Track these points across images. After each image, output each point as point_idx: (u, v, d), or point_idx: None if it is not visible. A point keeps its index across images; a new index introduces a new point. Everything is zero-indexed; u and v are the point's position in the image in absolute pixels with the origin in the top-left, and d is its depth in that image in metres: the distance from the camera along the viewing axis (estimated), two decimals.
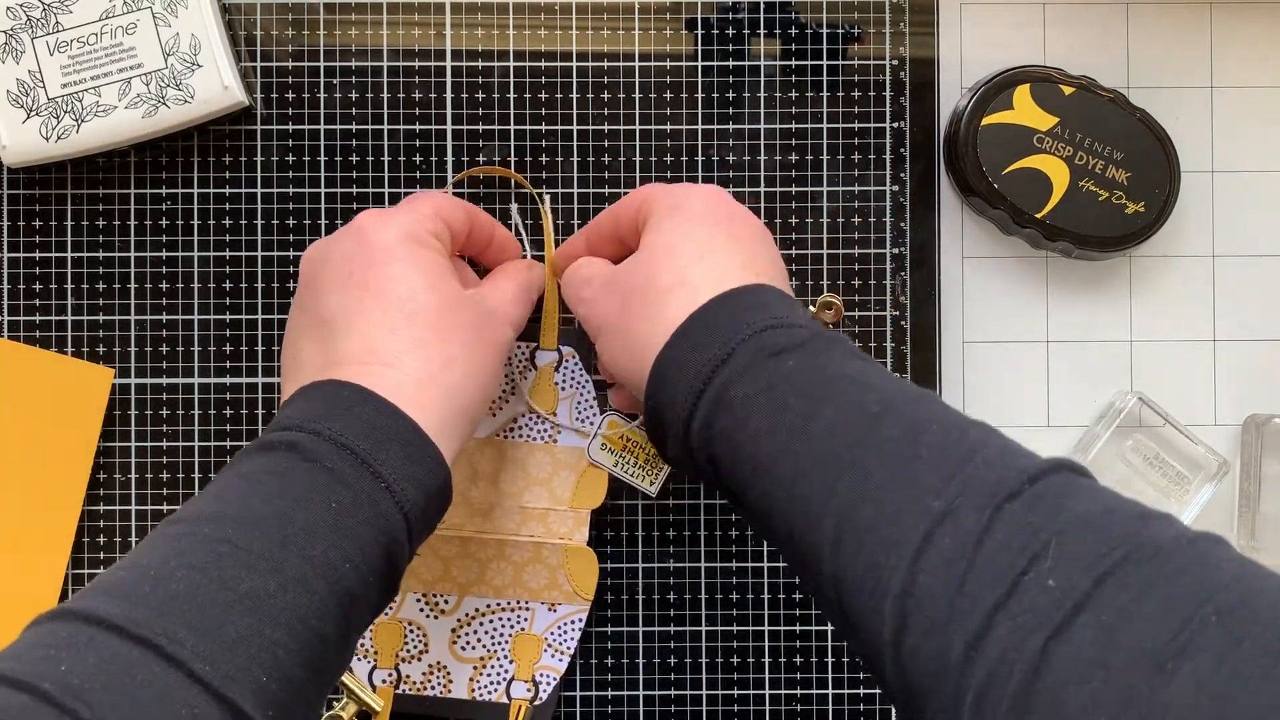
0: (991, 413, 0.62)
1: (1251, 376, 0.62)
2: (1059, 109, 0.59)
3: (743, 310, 0.47)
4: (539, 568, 0.58)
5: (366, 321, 0.48)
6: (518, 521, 0.58)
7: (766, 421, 0.44)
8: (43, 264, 0.61)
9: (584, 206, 0.61)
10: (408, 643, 0.58)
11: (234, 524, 0.42)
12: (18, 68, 0.57)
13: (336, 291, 0.49)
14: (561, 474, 0.58)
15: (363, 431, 0.45)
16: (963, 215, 0.62)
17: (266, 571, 0.41)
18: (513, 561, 0.58)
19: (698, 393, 0.45)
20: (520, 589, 0.58)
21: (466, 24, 0.61)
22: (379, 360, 0.47)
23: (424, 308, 0.49)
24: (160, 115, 0.58)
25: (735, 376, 0.45)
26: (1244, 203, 0.62)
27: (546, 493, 0.58)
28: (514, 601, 0.58)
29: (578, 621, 0.58)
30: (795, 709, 0.61)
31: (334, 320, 0.49)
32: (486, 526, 0.58)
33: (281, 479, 0.44)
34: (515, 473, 0.58)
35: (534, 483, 0.58)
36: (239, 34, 0.61)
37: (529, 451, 0.58)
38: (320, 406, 0.46)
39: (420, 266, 0.49)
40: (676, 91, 0.61)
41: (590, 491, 0.58)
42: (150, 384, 0.61)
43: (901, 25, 0.62)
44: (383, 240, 0.50)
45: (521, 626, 0.58)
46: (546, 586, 0.58)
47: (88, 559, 0.60)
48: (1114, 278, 0.62)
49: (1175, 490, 0.60)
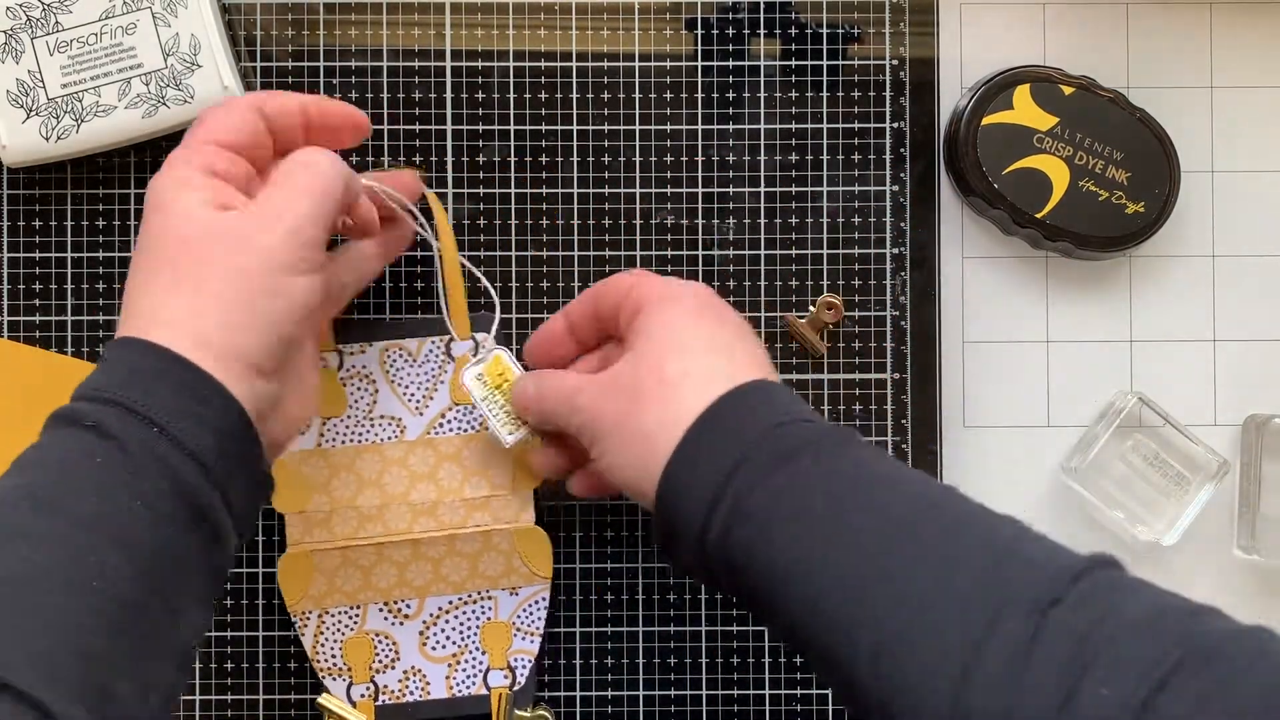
0: (991, 413, 0.62)
1: (1251, 376, 0.62)
2: (1059, 109, 0.59)
3: (752, 409, 0.46)
4: (493, 555, 0.58)
5: (131, 286, 0.47)
6: (463, 514, 0.58)
7: (789, 530, 0.42)
8: (43, 264, 0.61)
9: (584, 206, 0.61)
10: (378, 654, 0.58)
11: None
12: (18, 68, 0.57)
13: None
14: (497, 459, 0.58)
15: (123, 379, 0.43)
16: (963, 215, 0.62)
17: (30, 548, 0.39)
18: (465, 555, 0.58)
19: (712, 502, 0.44)
20: (478, 579, 0.58)
21: (466, 24, 0.61)
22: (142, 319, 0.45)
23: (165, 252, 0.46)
24: (160, 115, 0.58)
25: (752, 483, 0.43)
26: (1244, 203, 0.62)
27: (485, 481, 0.58)
28: (475, 594, 0.58)
29: (541, 601, 0.58)
30: (795, 709, 0.61)
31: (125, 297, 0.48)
32: (432, 525, 0.58)
33: (47, 451, 0.43)
34: (451, 467, 0.58)
35: (471, 473, 0.58)
36: (239, 34, 0.61)
37: (461, 444, 0.58)
38: (94, 373, 0.45)
39: (170, 212, 0.46)
40: (676, 91, 0.61)
41: (529, 472, 0.58)
42: None
43: (901, 25, 0.62)
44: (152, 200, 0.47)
45: (487, 616, 0.58)
46: (504, 572, 0.58)
47: None
48: (1114, 278, 0.62)
49: (1175, 490, 0.60)
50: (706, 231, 0.61)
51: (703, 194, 0.61)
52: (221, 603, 0.60)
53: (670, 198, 0.61)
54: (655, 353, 0.49)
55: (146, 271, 0.46)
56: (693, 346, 0.49)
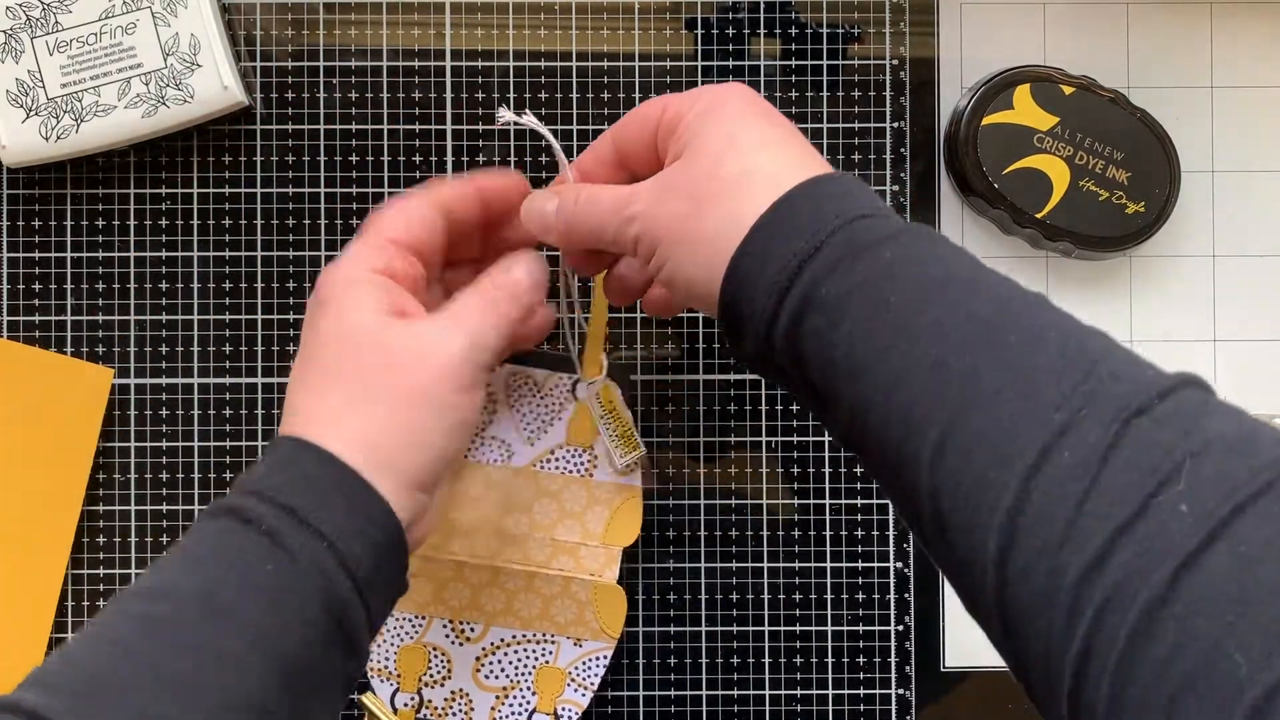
0: None
1: (1251, 376, 0.62)
2: (1059, 109, 0.59)
3: (828, 199, 0.42)
4: (567, 602, 0.58)
5: (300, 385, 0.47)
6: (549, 554, 0.58)
7: (864, 321, 0.40)
8: (43, 264, 0.61)
9: None
10: (431, 668, 0.58)
11: (164, 597, 0.41)
12: (17, 68, 0.57)
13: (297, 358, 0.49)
14: (595, 509, 0.58)
15: (300, 487, 0.43)
16: (963, 215, 0.62)
17: (194, 647, 0.40)
18: (541, 594, 0.58)
19: (783, 289, 0.41)
20: (547, 622, 0.58)
21: (466, 24, 0.61)
22: (313, 422, 0.45)
23: (341, 362, 0.46)
24: (160, 115, 0.58)
25: (826, 271, 0.41)
26: (1244, 203, 0.62)
27: (579, 527, 0.58)
28: (540, 634, 0.58)
29: (603, 658, 0.58)
30: (795, 709, 0.61)
31: (289, 386, 0.48)
32: (517, 557, 0.58)
33: (218, 546, 0.43)
34: (549, 505, 0.58)
35: (567, 516, 0.58)
36: (239, 34, 0.61)
37: (564, 484, 0.58)
38: (264, 466, 0.45)
39: (343, 315, 0.46)
40: (676, 91, 0.61)
41: (624, 529, 0.58)
42: (150, 384, 0.61)
43: (901, 25, 0.62)
44: (320, 294, 0.48)
45: (546, 659, 0.58)
46: (573, 622, 0.58)
47: (87, 559, 0.60)
48: (1114, 278, 0.62)
49: None
50: None
51: None
52: None
53: None
54: (709, 154, 0.45)
55: (319, 373, 0.46)
56: (748, 144, 0.44)
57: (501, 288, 0.48)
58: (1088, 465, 0.34)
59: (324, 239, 0.61)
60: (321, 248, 0.61)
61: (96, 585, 0.60)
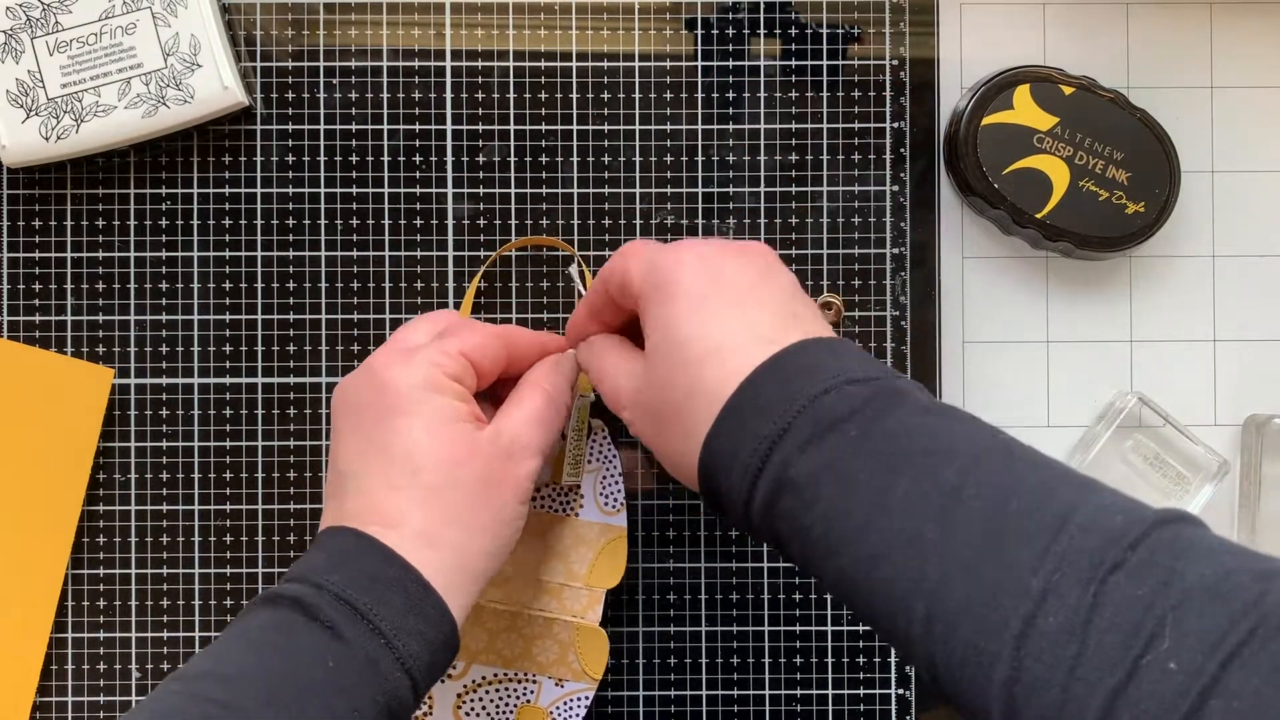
0: (991, 413, 0.62)
1: (1251, 376, 0.62)
2: (1059, 109, 0.59)
3: (795, 376, 0.43)
4: (549, 643, 0.57)
5: (370, 479, 0.47)
6: (532, 594, 0.57)
7: (836, 501, 0.41)
8: (43, 264, 0.61)
9: (584, 206, 0.61)
10: None
11: (225, 683, 0.42)
12: (17, 68, 0.57)
13: (349, 443, 0.49)
14: (580, 549, 0.57)
15: (364, 584, 0.44)
16: (963, 215, 0.62)
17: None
18: (523, 634, 0.57)
19: (755, 471, 0.43)
20: (529, 662, 0.57)
21: (466, 24, 0.61)
22: (381, 520, 0.47)
23: (427, 463, 0.47)
24: (160, 115, 0.58)
25: (795, 453, 0.42)
26: (1244, 203, 0.62)
27: (563, 567, 0.57)
28: (522, 674, 0.57)
29: (584, 699, 0.57)
30: (795, 709, 0.61)
31: (346, 473, 0.48)
32: (499, 596, 0.57)
33: (278, 635, 0.43)
34: (534, 543, 0.57)
35: (552, 556, 0.57)
36: (239, 34, 0.61)
37: (550, 522, 0.57)
38: (325, 557, 0.46)
39: (429, 417, 0.48)
40: (676, 91, 0.61)
41: (608, 570, 0.57)
42: (150, 384, 0.61)
43: (901, 25, 0.62)
44: (394, 389, 0.48)
45: (528, 699, 0.57)
46: (555, 662, 0.57)
47: (87, 559, 0.60)
48: (1114, 278, 0.62)
49: (1175, 490, 0.60)
50: (706, 232, 0.61)
51: (703, 194, 0.61)
52: None
53: (670, 198, 0.61)
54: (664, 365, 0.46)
55: (385, 465, 0.47)
56: (703, 337, 0.45)
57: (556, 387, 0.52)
58: (1072, 629, 0.35)
59: (324, 239, 0.61)
60: (322, 248, 0.61)
61: (96, 585, 0.60)
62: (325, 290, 0.61)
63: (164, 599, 0.60)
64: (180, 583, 0.61)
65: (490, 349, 0.51)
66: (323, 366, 0.61)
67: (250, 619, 0.45)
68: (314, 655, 0.43)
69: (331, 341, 0.61)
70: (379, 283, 0.61)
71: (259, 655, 0.43)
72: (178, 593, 0.60)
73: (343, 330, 0.61)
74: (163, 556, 0.61)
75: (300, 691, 0.42)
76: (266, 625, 0.44)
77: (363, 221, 0.61)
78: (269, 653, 0.43)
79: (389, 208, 0.61)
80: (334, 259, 0.61)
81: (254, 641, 0.43)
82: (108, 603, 0.60)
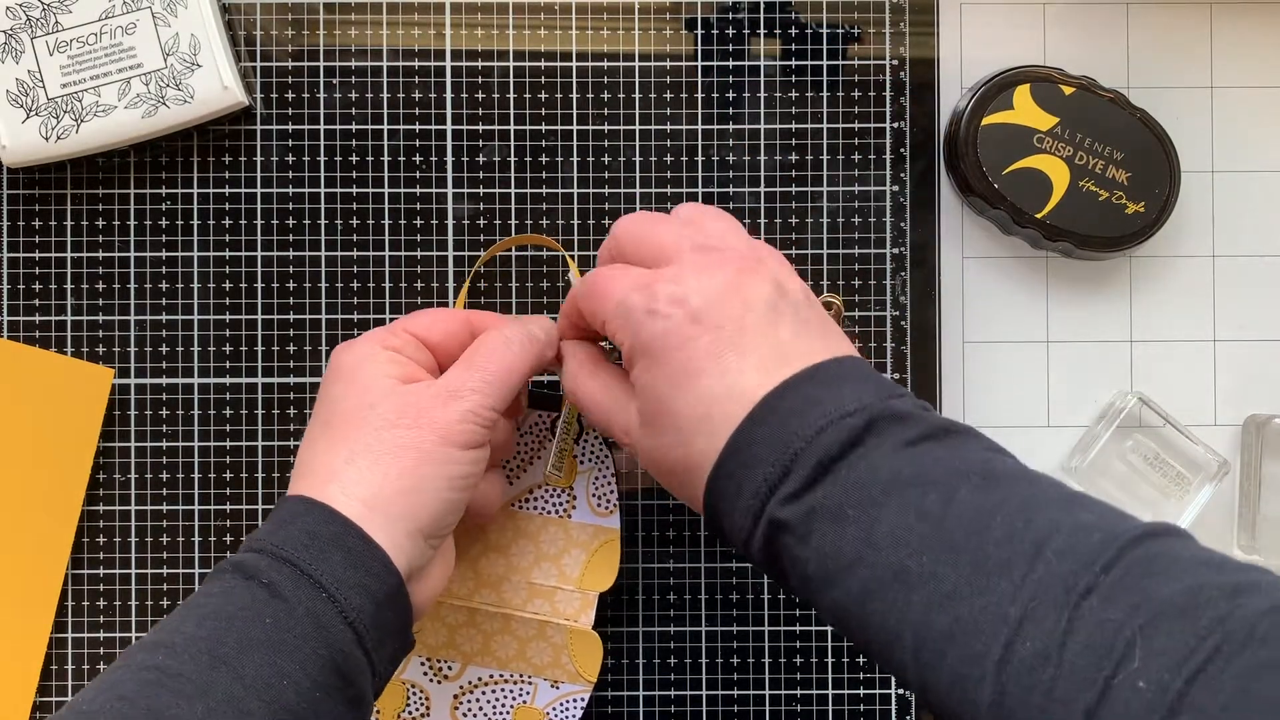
0: (991, 413, 0.62)
1: (1251, 376, 0.62)
2: (1059, 109, 0.59)
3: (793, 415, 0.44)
4: (543, 645, 0.57)
5: (313, 449, 0.49)
6: (524, 597, 0.57)
7: (828, 538, 0.43)
8: (43, 264, 0.61)
9: (584, 206, 0.61)
10: (410, 704, 0.58)
11: (166, 650, 0.42)
12: (17, 68, 0.57)
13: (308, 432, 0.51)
14: (573, 551, 0.57)
15: (303, 542, 0.45)
16: (963, 215, 0.62)
17: (194, 695, 0.41)
18: (517, 636, 0.57)
19: (756, 512, 0.44)
20: (524, 663, 0.57)
21: (466, 24, 0.61)
22: (321, 482, 0.47)
23: (342, 410, 0.49)
24: (160, 115, 0.58)
25: (792, 496, 0.44)
26: (1244, 203, 0.62)
27: (556, 570, 0.57)
28: (517, 675, 0.57)
29: (580, 701, 0.57)
30: (795, 709, 0.61)
31: (300, 455, 0.50)
32: (493, 599, 0.57)
33: (219, 599, 0.44)
34: (526, 545, 0.57)
35: (544, 558, 0.57)
36: (239, 34, 0.61)
37: (542, 525, 0.57)
38: (271, 525, 0.47)
39: (356, 380, 0.49)
40: (676, 91, 0.61)
41: (600, 573, 0.57)
42: (150, 384, 0.61)
43: (901, 25, 0.62)
44: (336, 367, 0.51)
45: (524, 700, 0.58)
46: (550, 664, 0.57)
47: (87, 559, 0.60)
48: (1114, 278, 0.62)
49: (1175, 490, 0.60)
50: None
51: (703, 194, 0.61)
52: None
53: (670, 198, 0.61)
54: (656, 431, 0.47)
55: (326, 435, 0.49)
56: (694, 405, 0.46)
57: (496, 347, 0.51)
58: (1048, 654, 0.37)
59: (324, 239, 0.61)
60: (322, 248, 0.61)
61: (96, 585, 0.60)
62: (325, 290, 0.61)
63: (164, 599, 0.60)
64: (180, 583, 0.61)
65: (441, 324, 0.52)
66: (323, 367, 0.61)
67: (198, 592, 0.46)
68: (253, 613, 0.43)
69: (331, 341, 0.61)
70: (379, 283, 0.61)
71: (198, 620, 0.44)
72: (178, 593, 0.60)
73: (343, 330, 0.61)
74: (163, 556, 0.61)
75: (239, 650, 0.42)
76: (211, 593, 0.45)
77: (363, 221, 0.61)
78: (208, 616, 0.44)
79: (389, 208, 0.61)
80: (334, 259, 0.61)
81: (194, 608, 0.44)
82: (108, 603, 0.60)
